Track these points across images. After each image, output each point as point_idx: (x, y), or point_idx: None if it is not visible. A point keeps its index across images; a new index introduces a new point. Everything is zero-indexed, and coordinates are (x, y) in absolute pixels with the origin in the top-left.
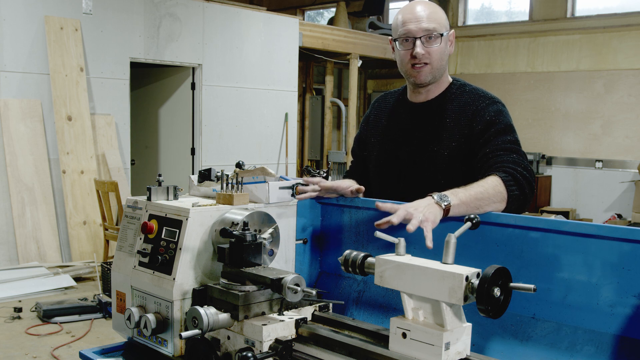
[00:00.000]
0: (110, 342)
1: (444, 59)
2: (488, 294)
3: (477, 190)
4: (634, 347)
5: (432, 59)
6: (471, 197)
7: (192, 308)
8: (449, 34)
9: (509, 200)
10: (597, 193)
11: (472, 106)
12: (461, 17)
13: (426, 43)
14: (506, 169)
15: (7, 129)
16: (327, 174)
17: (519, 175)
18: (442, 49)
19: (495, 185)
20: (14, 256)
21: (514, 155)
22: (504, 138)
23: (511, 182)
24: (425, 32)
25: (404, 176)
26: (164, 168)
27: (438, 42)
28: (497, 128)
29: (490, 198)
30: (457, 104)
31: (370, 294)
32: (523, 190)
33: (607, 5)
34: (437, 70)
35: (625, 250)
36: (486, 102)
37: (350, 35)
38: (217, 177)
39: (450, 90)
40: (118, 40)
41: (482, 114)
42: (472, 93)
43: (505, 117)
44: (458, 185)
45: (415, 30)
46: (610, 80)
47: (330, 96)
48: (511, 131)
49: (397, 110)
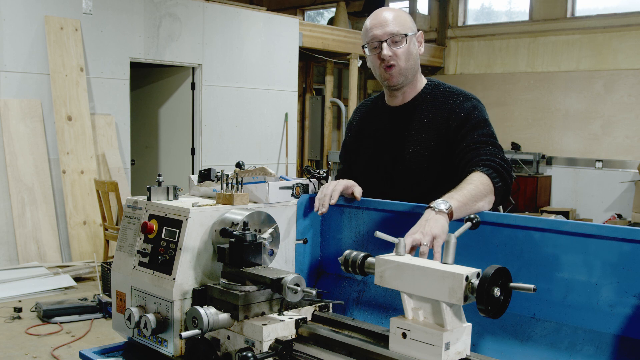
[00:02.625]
0: (110, 342)
1: (411, 60)
2: (488, 294)
3: (469, 188)
4: (634, 347)
5: (399, 60)
6: (467, 197)
7: (192, 308)
8: (415, 35)
9: (495, 193)
10: (597, 193)
11: (447, 104)
12: (461, 17)
13: (392, 45)
14: (486, 162)
15: (7, 129)
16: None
17: (499, 167)
18: (408, 49)
19: (482, 181)
20: (14, 256)
21: (490, 148)
22: (480, 132)
23: (494, 175)
24: (389, 35)
25: (389, 179)
26: (164, 168)
27: (403, 43)
28: (472, 123)
29: (482, 193)
30: (432, 103)
31: (370, 294)
32: (505, 181)
33: (607, 5)
34: (406, 70)
35: (625, 250)
36: (460, 99)
37: (350, 35)
38: (217, 177)
39: (425, 91)
40: (118, 40)
41: (457, 111)
42: (446, 92)
43: (480, 112)
44: (441, 184)
45: (380, 34)
46: (610, 80)
47: (330, 96)
48: (486, 125)
49: (377, 115)
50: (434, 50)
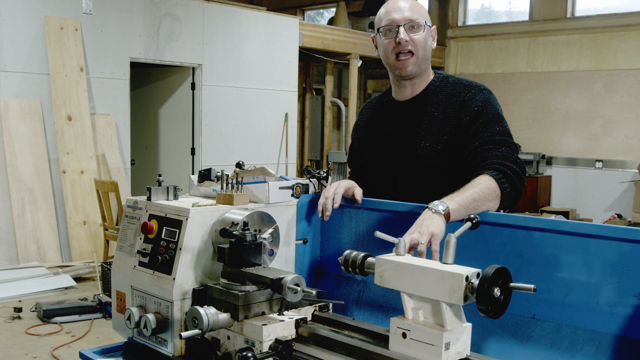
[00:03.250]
0: (110, 342)
1: (427, 50)
2: (488, 294)
3: (472, 191)
4: (634, 347)
5: (417, 48)
6: (468, 200)
7: (192, 308)
8: (431, 28)
9: (502, 198)
10: (597, 193)
11: (459, 97)
12: (461, 17)
13: (410, 31)
14: (496, 165)
15: (7, 129)
16: (327, 174)
17: (509, 171)
18: (425, 38)
19: (488, 185)
20: (14, 256)
21: (503, 149)
22: (493, 129)
23: (503, 180)
24: (408, 21)
25: (401, 177)
26: (164, 168)
27: (421, 31)
28: (485, 118)
29: (486, 197)
30: (442, 96)
31: (370, 294)
32: (515, 186)
33: (607, 5)
34: (421, 60)
35: (625, 250)
36: (472, 91)
37: (350, 35)
38: (217, 177)
39: (434, 83)
40: (118, 40)
41: (470, 104)
42: (456, 84)
43: (493, 105)
44: (454, 178)
45: (398, 19)
46: (610, 80)
47: (330, 96)
48: (499, 120)
49: (385, 112)
50: (434, 50)
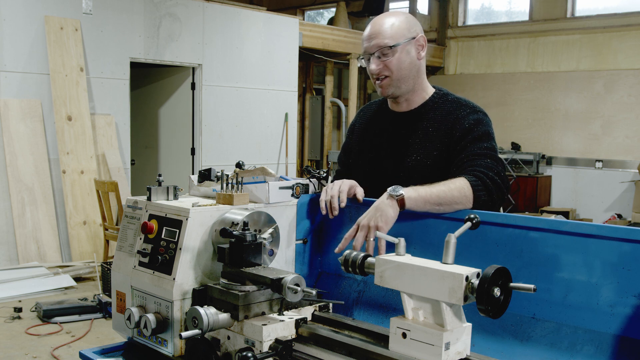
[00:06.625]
0: (110, 342)
1: (404, 69)
2: (488, 294)
3: (440, 189)
4: (634, 347)
5: (391, 71)
6: (432, 195)
7: (192, 308)
8: (413, 40)
9: (475, 205)
10: (597, 193)
11: (453, 115)
12: (461, 17)
13: (382, 57)
14: (477, 172)
15: (7, 129)
16: (327, 174)
17: (489, 180)
18: (399, 60)
19: (461, 188)
20: (14, 256)
21: (488, 160)
22: (480, 145)
23: (480, 187)
24: (377, 48)
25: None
26: (164, 168)
27: (395, 54)
28: (474, 135)
29: (455, 199)
30: (439, 112)
31: (370, 294)
32: (491, 196)
33: (607, 5)
34: (399, 80)
35: (625, 250)
36: (467, 110)
37: (350, 35)
38: (217, 177)
39: (432, 99)
40: (118, 40)
41: (462, 122)
42: (454, 102)
43: (484, 125)
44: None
45: (368, 48)
46: (610, 80)
47: (330, 96)
48: (488, 139)
49: (381, 119)
50: (434, 50)
